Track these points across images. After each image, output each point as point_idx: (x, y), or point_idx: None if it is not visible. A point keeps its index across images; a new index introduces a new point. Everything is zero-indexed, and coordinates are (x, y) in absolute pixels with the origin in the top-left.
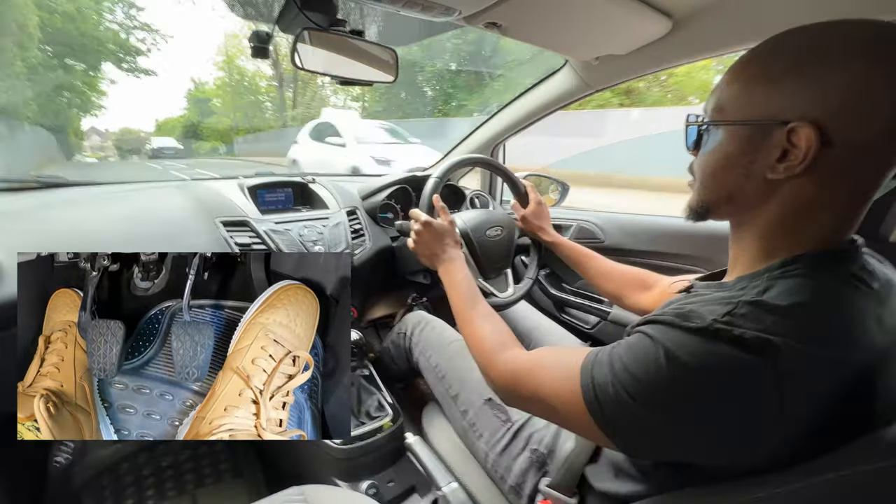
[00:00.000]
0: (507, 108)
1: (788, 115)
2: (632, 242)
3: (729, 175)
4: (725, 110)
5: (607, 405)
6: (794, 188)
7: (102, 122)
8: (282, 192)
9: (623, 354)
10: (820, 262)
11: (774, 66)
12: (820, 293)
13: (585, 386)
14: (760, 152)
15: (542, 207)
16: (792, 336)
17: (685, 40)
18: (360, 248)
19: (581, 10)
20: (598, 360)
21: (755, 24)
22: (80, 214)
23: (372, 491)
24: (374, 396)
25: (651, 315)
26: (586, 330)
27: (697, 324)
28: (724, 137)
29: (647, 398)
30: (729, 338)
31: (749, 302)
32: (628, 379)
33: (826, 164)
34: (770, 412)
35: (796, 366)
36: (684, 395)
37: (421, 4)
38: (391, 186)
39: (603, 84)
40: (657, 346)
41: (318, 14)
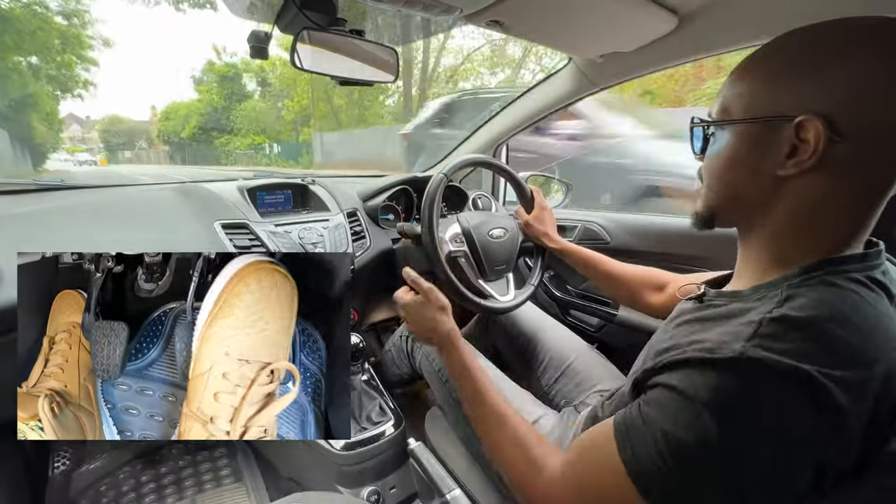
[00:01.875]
0: (509, 106)
1: (795, 111)
2: (638, 243)
3: (737, 175)
4: (731, 111)
5: (656, 480)
6: (804, 185)
7: (83, 107)
8: (281, 194)
9: (658, 419)
10: (840, 268)
11: (778, 63)
12: (843, 302)
13: (637, 473)
14: (768, 150)
15: (547, 213)
16: (822, 359)
17: (691, 37)
18: (360, 250)
19: (585, 8)
20: (633, 433)
21: (761, 21)
22: (79, 217)
23: (374, 497)
24: (375, 401)
25: (669, 356)
26: (591, 332)
27: (726, 355)
28: (731, 138)
29: (698, 461)
30: (763, 368)
31: (773, 319)
32: (676, 445)
33: (836, 158)
34: (812, 439)
35: (830, 390)
36: (735, 444)
37: (422, 3)
38: (392, 188)
39: (608, 82)
40: (690, 403)
41: (317, 13)
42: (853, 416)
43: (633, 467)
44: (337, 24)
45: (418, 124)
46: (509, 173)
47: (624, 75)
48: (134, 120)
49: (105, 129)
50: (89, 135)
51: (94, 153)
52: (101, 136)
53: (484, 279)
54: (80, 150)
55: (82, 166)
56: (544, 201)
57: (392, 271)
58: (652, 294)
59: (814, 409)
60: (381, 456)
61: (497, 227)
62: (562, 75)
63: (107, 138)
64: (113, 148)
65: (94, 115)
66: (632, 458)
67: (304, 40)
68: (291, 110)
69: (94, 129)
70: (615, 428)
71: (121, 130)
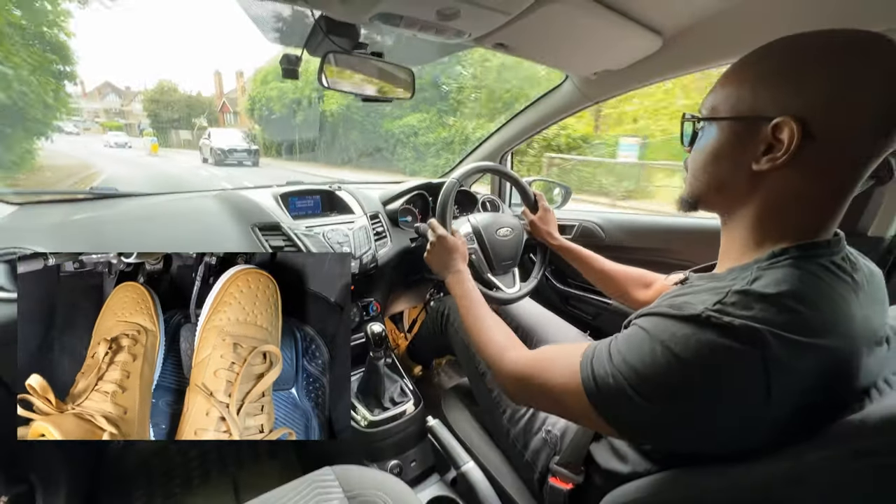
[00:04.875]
0: (514, 118)
1: (773, 112)
2: (631, 240)
3: (719, 167)
4: (718, 109)
5: (609, 397)
6: (778, 180)
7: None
8: (311, 199)
9: (621, 347)
10: (806, 252)
11: (762, 68)
12: (805, 281)
13: (586, 378)
14: (748, 146)
15: (550, 214)
16: (778, 324)
17: (675, 55)
18: (382, 248)
19: (579, 30)
20: (598, 354)
21: (738, 40)
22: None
23: (396, 470)
24: (396, 384)
25: (647, 308)
26: (588, 320)
27: (689, 312)
28: (716, 133)
29: (645, 388)
30: (718, 325)
31: (738, 291)
32: (627, 370)
33: (809, 157)
34: (758, 397)
35: (782, 353)
36: (680, 383)
37: (435, 27)
38: (410, 192)
39: (601, 96)
40: (652, 339)
41: (342, 38)
42: (803, 378)
43: (586, 374)
44: (359, 47)
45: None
46: (515, 178)
47: (615, 90)
48: (189, 94)
49: (153, 99)
50: (128, 107)
51: (133, 130)
52: (148, 109)
53: (493, 273)
54: (117, 125)
55: (118, 148)
56: (546, 203)
57: (410, 267)
58: (639, 290)
59: (762, 364)
60: (403, 433)
61: (504, 227)
62: (560, 91)
63: (155, 111)
64: (163, 125)
65: (135, 84)
66: (588, 369)
67: (329, 62)
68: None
69: (134, 100)
70: (587, 347)
71: (174, 102)
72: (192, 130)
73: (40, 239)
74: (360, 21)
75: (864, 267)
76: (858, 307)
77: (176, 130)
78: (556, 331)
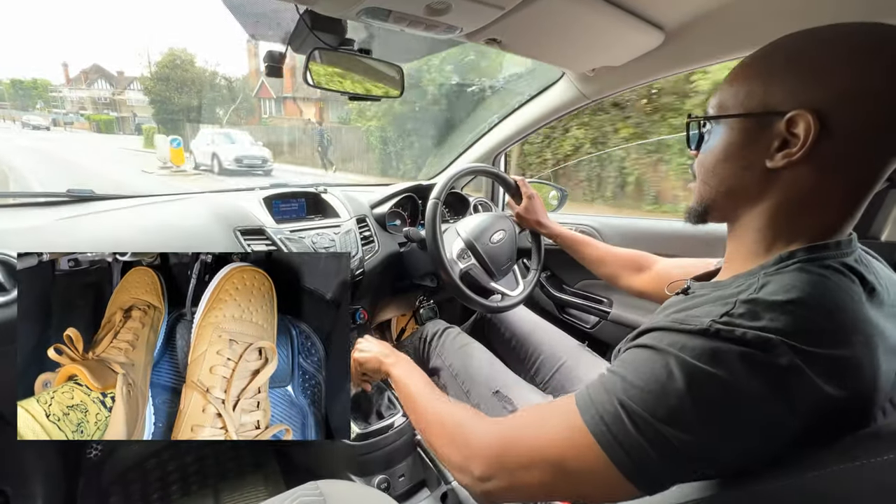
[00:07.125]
0: (506, 119)
1: (787, 106)
2: (629, 245)
3: (729, 168)
4: (726, 107)
5: (622, 433)
6: (793, 177)
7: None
8: (295, 203)
9: (626, 374)
10: (815, 255)
11: (773, 63)
12: (816, 286)
13: (592, 420)
14: (760, 143)
15: (535, 200)
16: (790, 333)
17: (677, 51)
18: (370, 253)
19: (576, 25)
20: (595, 392)
21: (743, 35)
22: (108, 224)
23: (384, 485)
24: (384, 395)
25: (645, 325)
26: (586, 329)
27: (696, 326)
28: (725, 132)
29: (664, 412)
30: (730, 338)
31: (746, 300)
32: (639, 396)
33: (825, 153)
34: (779, 410)
35: (797, 362)
36: (703, 399)
37: (424, 23)
38: (398, 195)
39: (599, 95)
40: (662, 355)
41: (327, 34)
42: (820, 387)
43: (590, 415)
44: (346, 43)
45: None
46: (492, 172)
47: (614, 88)
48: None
49: (160, 77)
50: (121, 96)
51: (127, 125)
52: (153, 92)
53: (494, 280)
54: (107, 118)
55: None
56: (530, 189)
57: (399, 273)
58: (631, 275)
59: (779, 375)
60: (391, 446)
61: (496, 231)
62: (555, 89)
63: (163, 95)
64: (170, 117)
65: (129, 69)
66: (591, 409)
67: (315, 59)
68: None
69: (128, 87)
70: (577, 393)
71: (189, 82)
72: (219, 125)
73: (15, 242)
74: (347, 16)
75: (880, 269)
76: (873, 310)
77: (192, 124)
78: (552, 340)
